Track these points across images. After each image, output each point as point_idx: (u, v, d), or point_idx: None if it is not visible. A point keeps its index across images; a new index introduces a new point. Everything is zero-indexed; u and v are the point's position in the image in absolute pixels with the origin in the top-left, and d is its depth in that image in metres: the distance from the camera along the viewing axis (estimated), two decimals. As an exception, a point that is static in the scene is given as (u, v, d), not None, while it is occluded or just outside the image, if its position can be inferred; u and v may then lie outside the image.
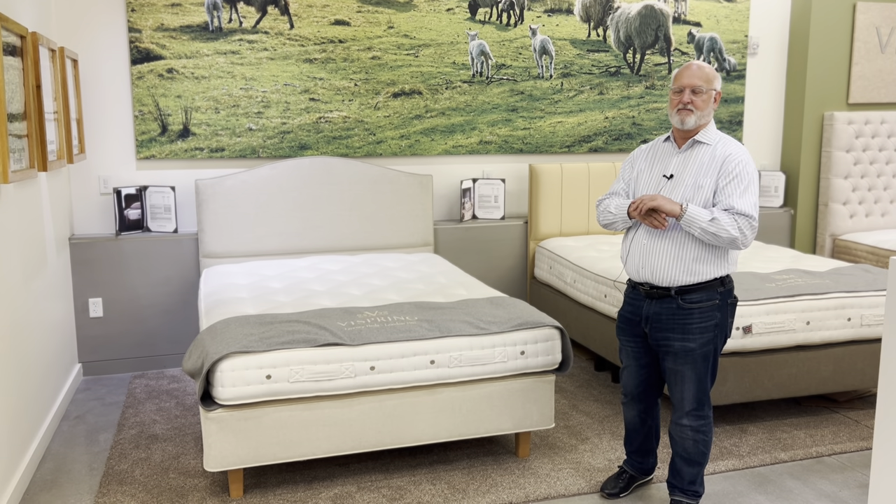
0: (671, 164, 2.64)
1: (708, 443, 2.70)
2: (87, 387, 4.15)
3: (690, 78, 2.57)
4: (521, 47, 4.94)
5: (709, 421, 2.69)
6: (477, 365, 3.00)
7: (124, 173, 4.39)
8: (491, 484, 3.01)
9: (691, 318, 2.59)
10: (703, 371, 2.63)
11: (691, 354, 2.60)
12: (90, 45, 4.24)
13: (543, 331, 3.09)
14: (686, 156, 2.62)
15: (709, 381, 2.67)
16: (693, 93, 2.56)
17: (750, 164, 2.55)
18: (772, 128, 5.64)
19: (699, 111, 2.56)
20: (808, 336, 3.47)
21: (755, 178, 2.56)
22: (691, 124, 2.58)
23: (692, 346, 2.59)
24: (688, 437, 2.69)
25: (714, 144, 2.59)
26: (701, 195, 2.55)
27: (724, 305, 2.62)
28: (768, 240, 5.49)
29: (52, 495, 2.96)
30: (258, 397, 2.77)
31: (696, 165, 2.58)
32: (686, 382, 2.64)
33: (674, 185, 2.60)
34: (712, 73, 2.59)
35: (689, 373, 2.63)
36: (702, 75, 2.57)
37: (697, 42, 5.30)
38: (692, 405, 2.66)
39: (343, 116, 4.65)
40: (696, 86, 2.56)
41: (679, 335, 2.61)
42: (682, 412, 2.68)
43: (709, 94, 2.57)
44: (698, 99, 2.56)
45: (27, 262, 3.27)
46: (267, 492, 2.96)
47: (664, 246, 2.59)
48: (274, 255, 4.43)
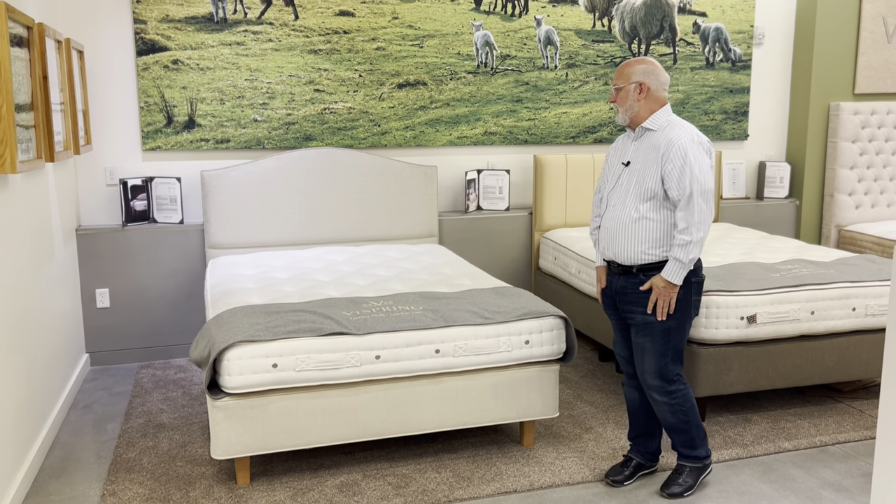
0: (628, 151, 2.80)
1: (686, 410, 2.80)
2: (95, 377, 4.18)
3: (614, 79, 2.79)
4: (526, 38, 4.94)
5: (679, 391, 2.79)
6: (482, 354, 3.01)
7: (130, 164, 4.41)
8: (495, 472, 3.03)
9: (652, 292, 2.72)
10: (663, 346, 2.74)
11: (651, 327, 2.74)
12: (96, 37, 4.26)
13: (548, 320, 3.10)
14: (639, 143, 2.77)
15: (670, 357, 2.77)
16: (615, 90, 2.76)
17: (688, 145, 2.64)
18: (777, 118, 5.62)
19: (622, 107, 2.75)
20: (812, 326, 3.47)
21: (695, 157, 2.63)
22: (621, 120, 2.78)
23: (652, 319, 2.73)
24: (663, 410, 2.82)
25: (660, 130, 2.72)
26: (649, 179, 2.69)
27: (686, 283, 2.72)
28: (773, 230, 5.48)
29: (61, 483, 2.99)
30: (264, 386, 2.79)
31: (645, 151, 2.73)
32: (646, 354, 2.77)
33: (630, 172, 2.76)
34: (631, 70, 2.73)
35: (649, 345, 2.76)
36: (619, 74, 2.75)
37: (703, 32, 5.28)
38: (654, 380, 2.78)
39: (348, 107, 4.66)
40: (614, 84, 2.77)
41: (641, 308, 2.75)
42: (647, 385, 2.81)
43: (626, 90, 2.72)
44: (618, 96, 2.74)
45: (35, 253, 3.29)
46: (273, 479, 2.98)
47: (627, 228, 2.75)
48: (279, 246, 4.44)
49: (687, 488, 2.85)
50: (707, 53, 5.32)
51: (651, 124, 2.73)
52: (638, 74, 2.71)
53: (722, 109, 5.41)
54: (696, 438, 2.85)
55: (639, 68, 2.72)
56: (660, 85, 2.73)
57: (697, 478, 2.88)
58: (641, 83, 2.70)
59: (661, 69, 2.74)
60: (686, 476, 2.87)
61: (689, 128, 2.70)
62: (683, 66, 5.28)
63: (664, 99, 2.74)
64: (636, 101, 2.72)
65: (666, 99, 2.76)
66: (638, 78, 2.71)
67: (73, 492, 2.92)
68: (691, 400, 2.82)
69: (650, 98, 2.72)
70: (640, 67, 2.72)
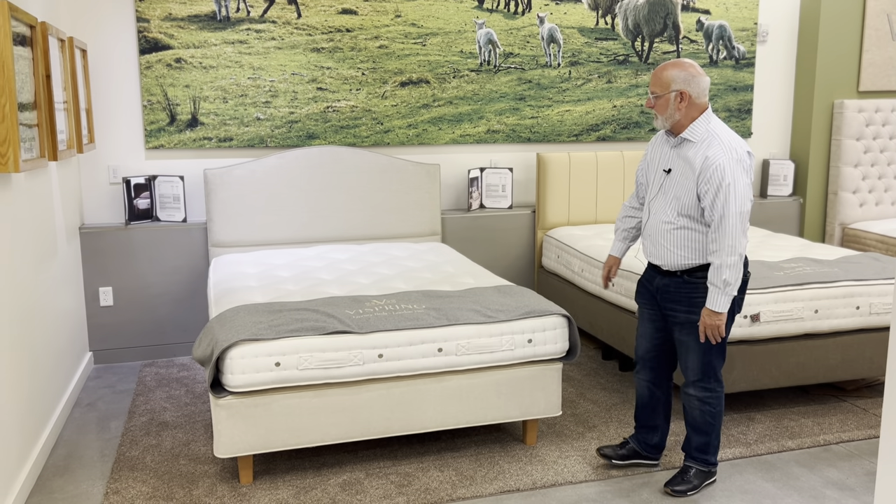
0: (668, 157, 2.74)
1: (715, 415, 2.82)
2: (98, 375, 4.19)
3: (651, 84, 2.69)
4: (529, 36, 4.93)
5: (716, 395, 2.81)
6: (485, 353, 3.01)
7: (133, 163, 4.42)
8: (498, 471, 3.03)
9: (696, 292, 2.71)
10: (707, 343, 2.73)
11: (695, 325, 2.72)
12: (99, 35, 4.26)
13: (551, 319, 3.10)
14: (678, 151, 2.70)
15: (714, 354, 2.76)
16: (653, 97, 2.67)
17: (726, 165, 2.56)
18: (781, 116, 5.61)
19: (661, 115, 2.66)
20: (816, 324, 3.47)
21: (732, 177, 2.56)
22: (660, 126, 2.70)
23: (696, 318, 2.72)
24: (695, 407, 2.83)
25: (699, 142, 2.64)
26: (685, 194, 2.66)
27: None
28: (777, 228, 5.47)
29: (65, 480, 3.00)
30: (267, 384, 2.80)
31: (684, 163, 2.67)
32: (690, 352, 2.77)
33: (671, 181, 2.71)
34: (670, 77, 2.62)
35: (693, 343, 2.75)
36: (657, 81, 2.66)
37: (706, 30, 5.27)
38: (696, 375, 2.79)
39: (351, 106, 4.66)
40: (652, 91, 2.67)
41: (685, 307, 2.74)
42: (688, 381, 2.82)
43: (666, 98, 2.63)
44: (657, 103, 2.66)
45: (38, 251, 3.29)
46: (276, 478, 2.98)
47: (668, 236, 2.73)
48: (282, 245, 4.45)
49: (692, 488, 2.86)
50: (711, 51, 5.30)
51: (690, 135, 2.64)
52: (678, 82, 2.61)
53: (725, 107, 5.39)
54: (712, 445, 2.88)
55: (679, 75, 2.61)
56: (700, 91, 2.63)
57: (703, 481, 2.89)
58: (682, 91, 2.61)
59: (700, 73, 2.64)
60: (692, 476, 2.88)
61: (729, 140, 2.61)
62: (687, 64, 5.26)
63: (705, 104, 2.65)
64: (676, 110, 2.63)
65: (707, 104, 2.66)
66: (678, 86, 2.61)
67: (77, 489, 2.92)
68: (722, 405, 2.84)
69: (691, 106, 2.63)
70: (680, 74, 2.61)
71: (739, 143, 2.62)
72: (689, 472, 2.89)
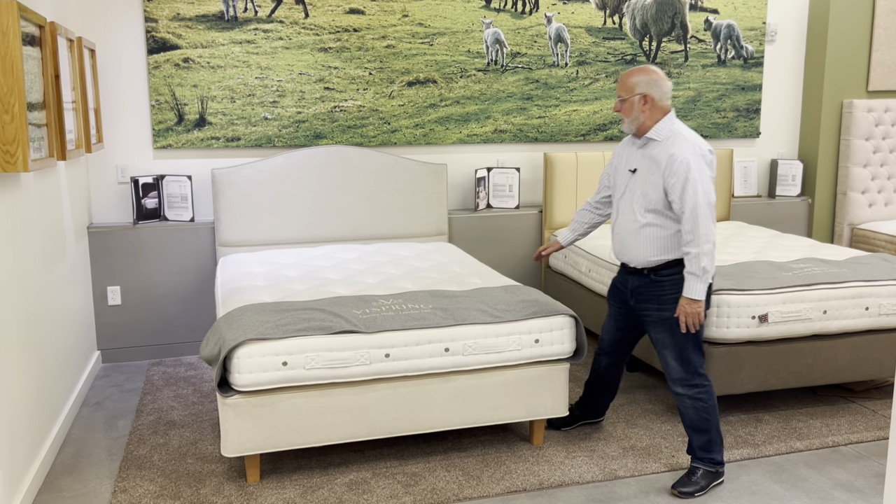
0: (634, 158, 2.89)
1: (709, 409, 2.87)
2: (106, 374, 4.21)
3: (617, 89, 2.84)
4: (537, 35, 4.92)
5: (704, 388, 2.88)
6: (491, 353, 3.01)
7: (141, 162, 4.43)
8: (505, 471, 3.03)
9: (664, 290, 2.84)
10: (683, 338, 2.83)
11: (668, 322, 2.84)
12: (107, 35, 4.27)
13: (558, 319, 3.10)
14: (643, 151, 2.85)
15: (691, 349, 2.85)
16: (620, 101, 2.83)
17: (690, 160, 2.69)
18: (790, 116, 5.58)
19: (627, 117, 2.82)
20: (824, 325, 3.45)
21: (698, 171, 2.69)
22: (626, 129, 2.86)
23: (667, 314, 2.84)
24: (688, 406, 2.90)
25: (664, 140, 2.78)
26: (652, 191, 2.79)
27: None
28: (785, 228, 5.44)
29: (73, 479, 3.01)
30: (274, 384, 2.80)
31: (649, 161, 2.81)
32: (667, 348, 2.88)
33: (637, 180, 2.85)
34: (634, 81, 2.78)
35: (668, 339, 2.86)
36: (623, 86, 2.81)
37: (714, 29, 5.25)
38: (678, 373, 2.88)
39: (358, 105, 4.66)
40: (618, 95, 2.83)
41: (655, 305, 2.87)
42: (672, 380, 2.91)
43: (631, 101, 2.78)
44: (623, 106, 2.82)
45: (47, 251, 3.31)
46: (283, 477, 2.99)
47: (636, 235, 2.86)
48: (289, 244, 4.45)
49: (699, 489, 2.86)
50: (719, 50, 5.28)
51: (655, 135, 2.79)
52: (641, 85, 2.77)
53: (734, 107, 5.37)
54: (714, 442, 2.90)
55: (642, 79, 2.77)
56: (663, 94, 2.79)
57: (710, 482, 2.89)
58: (645, 94, 2.77)
59: (663, 78, 2.80)
60: (699, 477, 2.89)
61: (692, 138, 2.76)
62: (695, 64, 5.25)
63: (668, 107, 2.81)
64: (641, 112, 2.79)
65: (669, 107, 2.81)
66: (642, 89, 2.77)
67: (85, 488, 2.93)
68: (714, 399, 2.88)
69: (654, 108, 2.78)
70: (643, 78, 2.77)
71: (702, 142, 2.77)
72: (696, 473, 2.90)
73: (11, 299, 2.74)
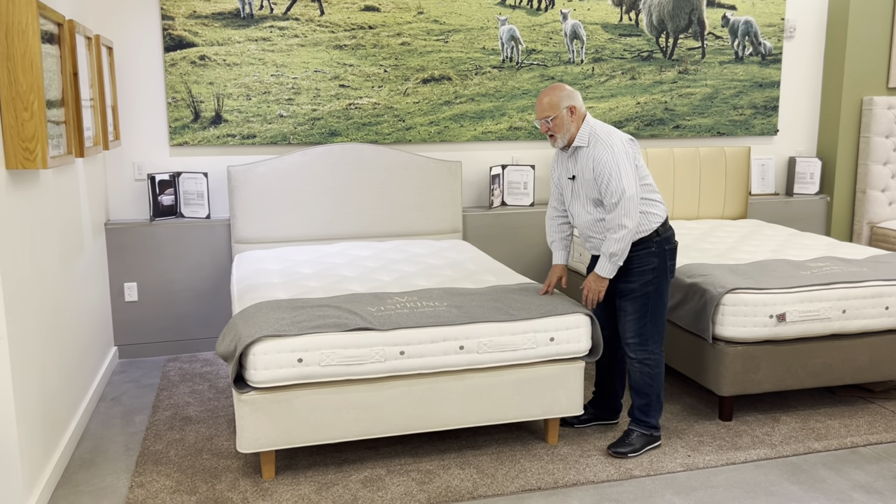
0: (569, 167, 3.12)
1: (654, 376, 3.11)
2: (123, 369, 4.24)
3: (539, 114, 3.02)
4: (552, 32, 4.90)
5: (654, 357, 3.10)
6: (506, 351, 3.00)
7: (158, 160, 4.46)
8: (520, 469, 3.02)
9: (630, 264, 3.06)
10: (643, 308, 3.06)
11: (632, 293, 3.07)
12: (124, 33, 4.30)
13: (573, 317, 3.08)
14: (575, 158, 3.08)
15: (650, 319, 3.07)
16: (546, 121, 3.01)
17: (609, 160, 2.92)
18: (808, 113, 5.53)
19: (559, 133, 3.02)
20: (843, 325, 3.41)
21: (617, 170, 2.91)
22: (560, 144, 3.06)
23: (633, 286, 3.07)
24: (635, 370, 3.12)
25: (588, 145, 3.01)
26: (593, 191, 3.02)
27: (661, 251, 3.06)
28: (803, 227, 5.39)
29: (90, 474, 3.03)
30: (290, 381, 2.81)
31: (582, 166, 3.04)
32: (627, 316, 3.10)
33: (578, 184, 3.08)
34: (556, 97, 2.98)
35: (629, 307, 3.08)
36: (547, 107, 2.99)
37: (732, 26, 5.21)
38: (633, 338, 3.09)
39: (373, 103, 4.66)
40: (545, 117, 3.00)
41: (623, 279, 3.09)
42: (626, 343, 3.12)
43: (560, 117, 2.99)
44: (554, 125, 3.00)
45: (65, 247, 3.33)
46: (298, 474, 3.00)
47: (594, 228, 3.09)
48: (304, 241, 4.46)
49: (633, 450, 3.10)
50: (736, 47, 5.24)
51: (580, 142, 3.02)
52: (565, 100, 2.99)
53: (751, 104, 5.33)
54: (653, 408, 3.15)
55: (561, 94, 2.99)
56: (580, 103, 3.03)
57: (645, 444, 3.14)
58: (570, 106, 2.99)
59: (573, 89, 3.03)
60: (634, 439, 3.13)
61: (607, 138, 2.96)
62: (712, 60, 5.21)
63: (584, 113, 3.05)
64: (570, 123, 3.01)
65: (585, 112, 3.05)
66: (566, 103, 2.99)
67: (102, 483, 2.96)
68: (661, 369, 3.12)
69: (577, 116, 3.02)
70: (561, 94, 2.99)
71: (618, 137, 2.98)
72: (631, 434, 3.14)
73: (30, 295, 2.76)
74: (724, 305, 3.31)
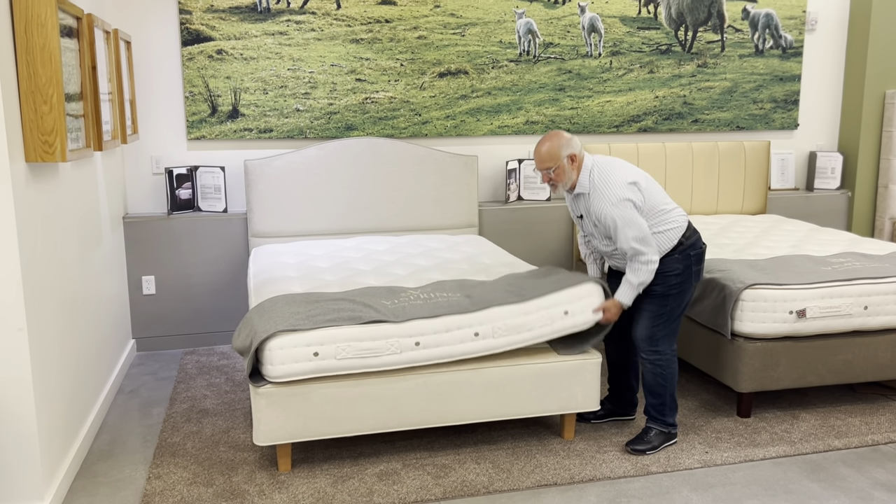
0: (578, 207, 3.16)
1: (666, 377, 3.09)
2: (141, 362, 4.27)
3: (539, 165, 3.04)
4: (570, 25, 4.87)
5: (666, 358, 3.08)
6: (522, 332, 2.99)
7: (175, 153, 4.48)
8: (535, 464, 3.01)
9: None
10: (660, 309, 3.05)
11: (651, 294, 3.07)
12: (143, 27, 4.32)
13: (585, 286, 3.07)
14: (579, 202, 3.12)
15: (665, 320, 3.06)
16: (548, 171, 3.03)
17: (612, 211, 2.94)
18: (830, 107, 5.45)
19: (561, 182, 3.04)
20: (865, 321, 3.36)
21: (622, 220, 2.94)
22: (562, 192, 3.10)
23: (656, 288, 3.06)
24: (647, 370, 3.12)
25: (588, 193, 3.03)
26: (602, 229, 3.05)
27: (685, 257, 3.04)
28: (824, 222, 5.33)
29: (109, 465, 3.06)
30: (306, 374, 2.81)
31: (587, 210, 3.08)
32: (642, 316, 3.10)
33: (588, 223, 3.13)
34: (556, 147, 2.99)
35: (647, 307, 3.08)
36: (547, 157, 3.00)
37: (752, 18, 5.14)
38: (645, 339, 3.09)
39: (389, 97, 4.65)
40: (546, 167, 3.02)
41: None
42: (639, 341, 3.11)
43: (561, 166, 3.01)
44: (556, 174, 3.02)
45: (83, 240, 3.36)
46: (314, 467, 3.00)
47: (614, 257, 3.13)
48: (321, 235, 4.47)
49: (651, 447, 3.10)
50: (756, 40, 5.18)
51: (581, 189, 3.04)
52: (564, 149, 3.00)
53: (771, 98, 5.26)
54: (667, 407, 3.13)
55: (560, 143, 3.00)
56: (579, 148, 3.04)
57: (662, 442, 3.13)
58: (570, 155, 3.01)
59: (570, 135, 3.05)
60: (652, 437, 3.12)
61: (607, 188, 2.96)
62: (731, 54, 5.15)
63: (583, 156, 3.06)
64: (571, 171, 3.03)
65: (584, 155, 3.06)
66: (566, 152, 3.00)
67: (120, 474, 2.98)
68: (673, 369, 3.10)
69: (577, 163, 3.04)
70: (560, 142, 3.00)
71: (617, 183, 2.95)
72: (649, 432, 3.13)
73: (50, 287, 2.79)
74: (743, 301, 3.27)
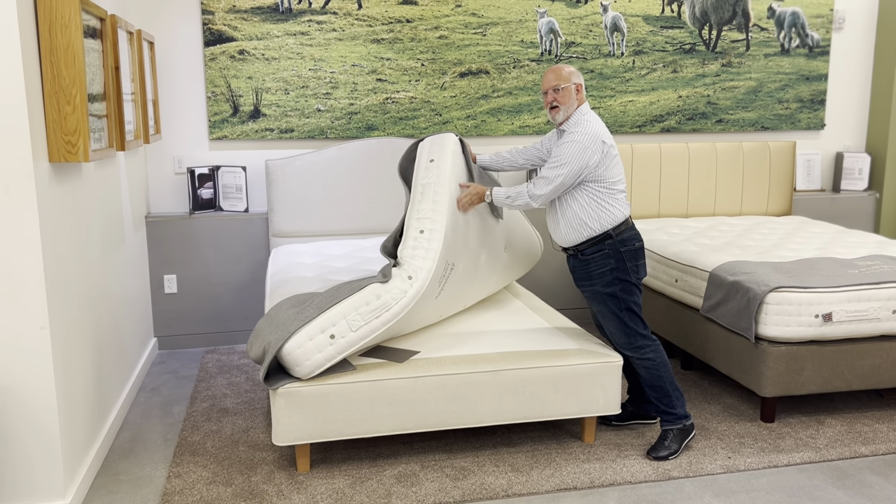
0: (551, 145, 3.13)
1: (658, 366, 3.05)
2: (162, 360, 4.30)
3: (547, 83, 3.00)
4: (592, 24, 4.82)
5: (647, 348, 3.04)
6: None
7: (198, 153, 4.50)
8: (555, 468, 2.98)
9: (590, 267, 3.04)
10: (616, 306, 3.02)
11: (599, 295, 3.05)
12: (165, 28, 4.35)
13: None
14: (559, 141, 3.02)
15: (627, 318, 3.02)
16: (555, 91, 2.98)
17: (572, 145, 2.88)
18: (857, 107, 5.36)
19: (563, 105, 2.98)
20: (893, 325, 3.29)
21: (578, 154, 2.87)
22: (560, 118, 3.01)
23: (598, 289, 3.04)
24: (639, 367, 3.09)
25: (571, 131, 2.95)
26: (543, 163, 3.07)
27: (615, 252, 2.98)
28: (851, 224, 5.23)
29: (130, 463, 3.08)
30: (334, 358, 2.80)
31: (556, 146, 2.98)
32: (606, 318, 3.07)
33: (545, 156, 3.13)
34: (568, 71, 2.99)
35: (605, 309, 3.06)
36: (557, 76, 2.98)
37: (778, 17, 5.07)
38: (621, 338, 3.06)
39: (410, 97, 4.64)
40: (553, 86, 2.98)
41: (587, 282, 3.08)
42: (618, 345, 3.10)
43: (568, 89, 2.97)
44: (561, 95, 2.97)
45: (106, 239, 3.38)
46: (333, 467, 3.00)
47: (555, 217, 3.08)
48: (341, 235, 4.47)
49: (672, 452, 3.05)
50: (782, 39, 5.10)
51: (567, 127, 2.99)
52: (575, 75, 2.99)
53: (797, 98, 5.18)
54: (672, 397, 3.08)
55: (571, 70, 2.99)
56: (583, 87, 3.03)
57: (682, 442, 3.08)
58: (578, 84, 2.99)
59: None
60: (670, 441, 3.07)
61: (585, 136, 2.89)
62: (756, 53, 5.07)
63: (584, 98, 3.03)
64: (575, 99, 2.99)
65: (585, 98, 3.06)
66: (576, 79, 2.99)
67: (141, 472, 3.00)
68: (660, 355, 3.05)
69: (580, 97, 3.00)
70: (572, 69, 3.00)
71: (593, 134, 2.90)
72: (667, 437, 3.08)
73: (73, 286, 2.81)
74: (767, 304, 3.22)
